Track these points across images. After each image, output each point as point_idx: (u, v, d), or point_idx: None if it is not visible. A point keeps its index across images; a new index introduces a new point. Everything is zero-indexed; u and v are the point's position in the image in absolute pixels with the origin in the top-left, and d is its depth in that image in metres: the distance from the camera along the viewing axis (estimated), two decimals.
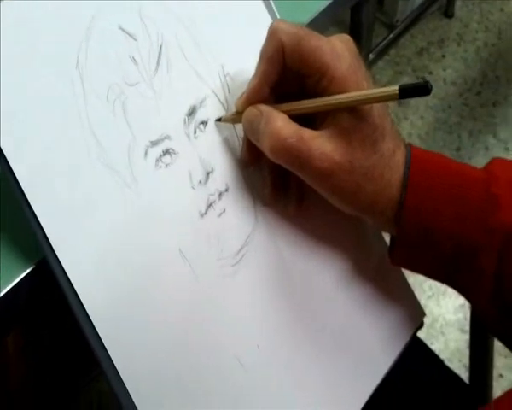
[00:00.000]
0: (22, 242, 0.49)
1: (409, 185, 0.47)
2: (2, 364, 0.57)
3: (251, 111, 0.48)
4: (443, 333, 1.52)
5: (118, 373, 0.45)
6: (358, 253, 0.56)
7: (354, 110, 0.45)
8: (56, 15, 0.44)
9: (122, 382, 0.45)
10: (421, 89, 0.42)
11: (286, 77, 0.47)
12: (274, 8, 0.53)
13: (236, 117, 0.49)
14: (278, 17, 0.54)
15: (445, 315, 1.55)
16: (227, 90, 0.51)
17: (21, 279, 0.48)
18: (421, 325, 0.62)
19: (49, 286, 0.45)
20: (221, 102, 0.50)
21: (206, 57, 0.50)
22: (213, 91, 0.50)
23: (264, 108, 0.47)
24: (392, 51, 1.99)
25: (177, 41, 0.48)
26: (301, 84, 0.47)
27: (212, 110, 0.50)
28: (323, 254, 0.55)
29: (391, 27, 1.90)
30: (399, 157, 0.48)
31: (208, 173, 0.50)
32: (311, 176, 0.46)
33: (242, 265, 0.51)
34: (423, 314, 0.62)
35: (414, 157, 0.48)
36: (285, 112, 0.46)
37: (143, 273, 0.47)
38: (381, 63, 1.97)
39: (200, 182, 0.49)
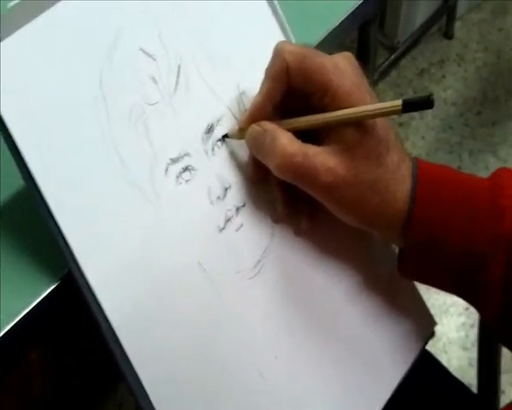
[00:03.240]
0: (48, 257, 0.50)
1: (416, 198, 0.48)
2: (26, 373, 0.58)
3: (254, 129, 0.49)
4: (446, 351, 1.53)
5: (142, 385, 0.46)
6: (369, 265, 0.58)
7: (358, 124, 0.46)
8: (81, 37, 0.46)
9: (146, 393, 0.46)
10: (424, 102, 0.43)
11: (290, 94, 0.48)
12: (287, 27, 0.55)
13: (241, 133, 0.50)
14: (291, 35, 0.55)
15: (448, 334, 1.56)
16: (242, 108, 0.52)
17: (48, 294, 0.49)
18: (432, 334, 0.63)
19: (74, 299, 0.46)
20: (237, 120, 0.52)
21: (222, 76, 0.52)
22: (229, 109, 0.52)
23: (267, 125, 0.48)
24: (393, 73, 2.01)
25: (194, 60, 0.50)
26: (305, 101, 0.48)
27: (229, 128, 0.52)
28: (336, 267, 0.56)
29: (392, 49, 1.92)
30: (405, 170, 0.48)
31: (226, 189, 0.51)
32: (317, 191, 0.47)
33: (260, 277, 0.52)
34: (434, 323, 0.63)
35: (421, 170, 0.49)
36: (289, 128, 0.48)
37: (165, 286, 0.48)
38: (381, 85, 1.99)
39: (218, 197, 0.51)
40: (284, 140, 0.46)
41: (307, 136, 0.48)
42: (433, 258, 0.49)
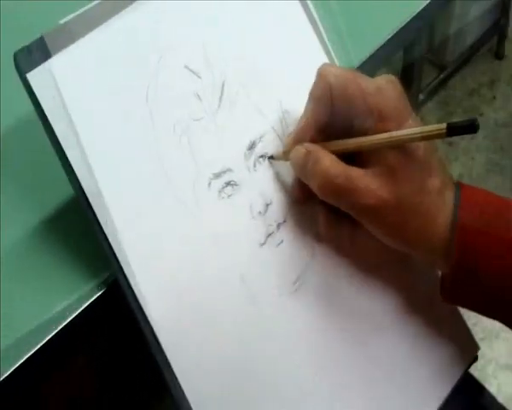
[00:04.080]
0: (97, 262, 0.52)
1: (458, 226, 0.47)
2: (75, 381, 0.60)
3: (298, 150, 0.49)
4: (495, 377, 1.50)
5: (182, 391, 0.47)
6: (411, 287, 0.57)
7: (401, 148, 0.46)
8: (130, 54, 0.47)
9: (186, 397, 0.48)
10: (469, 127, 0.42)
11: (334, 116, 0.48)
12: (329, 47, 0.56)
13: (286, 155, 0.51)
14: (333, 55, 0.56)
15: (498, 359, 1.53)
16: (285, 125, 0.53)
17: (94, 300, 0.51)
18: (475, 359, 0.62)
19: (120, 305, 0.47)
20: (279, 137, 0.53)
21: (266, 93, 0.53)
22: (272, 127, 0.53)
23: (311, 147, 0.49)
24: (443, 92, 1.99)
25: (237, 78, 0.51)
26: (349, 123, 0.48)
27: (271, 145, 0.52)
28: (376, 289, 0.56)
29: (441, 68, 1.91)
30: (447, 196, 0.48)
31: (267, 205, 0.52)
32: (359, 212, 0.48)
33: (300, 294, 0.52)
34: (477, 348, 0.62)
35: (463, 196, 0.48)
36: (332, 151, 0.48)
37: (207, 296, 0.49)
38: (430, 104, 1.98)
39: (259, 213, 0.51)
40: (327, 162, 0.47)
41: (351, 157, 0.48)
42: (474, 285, 0.49)
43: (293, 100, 0.53)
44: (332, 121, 0.49)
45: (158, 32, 0.48)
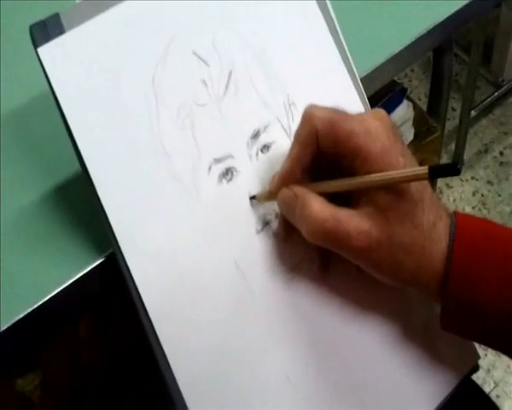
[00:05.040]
0: (97, 236, 0.54)
1: (453, 258, 0.46)
2: (76, 346, 0.62)
3: (285, 193, 0.49)
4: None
5: (171, 369, 0.49)
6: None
7: (389, 187, 0.45)
8: (139, 36, 0.50)
9: (177, 385, 0.49)
10: (451, 169, 0.42)
11: (320, 157, 0.48)
12: (343, 40, 0.56)
13: (271, 195, 0.51)
14: (347, 50, 0.57)
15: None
16: (291, 119, 0.54)
17: (93, 268, 0.53)
18: (475, 368, 0.61)
19: (118, 277, 0.50)
20: (284, 129, 0.54)
21: (273, 85, 0.54)
22: (277, 118, 0.54)
23: (298, 190, 0.48)
24: (497, 110, 1.96)
25: (246, 68, 0.53)
26: (336, 163, 0.47)
27: (275, 136, 0.53)
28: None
29: (496, 86, 1.88)
30: (441, 228, 0.47)
31: None
32: (351, 254, 0.47)
33: (293, 283, 0.53)
34: (477, 356, 0.61)
35: (458, 227, 0.47)
36: (319, 191, 0.47)
37: (200, 278, 0.50)
38: (485, 121, 1.95)
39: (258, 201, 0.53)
40: (315, 206, 0.46)
41: (339, 195, 0.48)
42: (471, 315, 0.48)
43: (302, 94, 0.54)
44: (318, 160, 0.48)
45: (168, 18, 0.50)
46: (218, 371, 0.51)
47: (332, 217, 0.46)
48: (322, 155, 0.48)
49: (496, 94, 1.84)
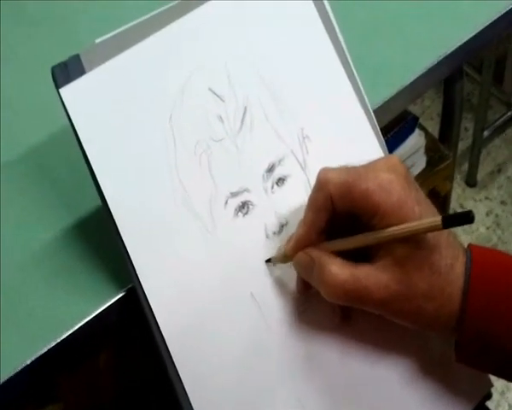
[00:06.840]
0: (116, 270, 0.55)
1: (469, 293, 0.46)
2: (96, 378, 0.63)
3: (301, 257, 0.49)
4: None
5: (190, 403, 0.50)
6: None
7: (406, 239, 0.46)
8: (157, 74, 0.51)
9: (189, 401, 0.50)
10: (465, 218, 0.42)
11: (335, 218, 0.48)
12: (355, 72, 0.57)
13: (287, 258, 0.51)
14: (359, 82, 0.57)
15: None
16: (305, 151, 0.55)
17: (113, 302, 0.54)
18: (488, 396, 0.61)
19: (138, 310, 0.51)
20: (298, 162, 0.55)
21: (287, 119, 0.55)
22: (292, 151, 0.55)
23: (315, 253, 0.48)
24: (510, 130, 1.96)
25: (260, 103, 0.54)
26: (352, 221, 0.48)
27: (290, 169, 0.54)
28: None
29: (509, 105, 1.88)
30: (459, 268, 0.47)
31: (282, 226, 0.54)
32: (372, 307, 0.48)
33: (308, 313, 0.54)
34: (490, 384, 0.61)
35: (474, 263, 0.47)
36: (336, 250, 0.48)
37: (216, 310, 0.51)
38: (497, 141, 1.95)
39: (274, 233, 0.53)
40: (333, 269, 0.47)
41: (356, 251, 0.48)
42: (488, 349, 0.48)
43: (315, 127, 0.55)
44: (334, 221, 0.49)
45: (185, 56, 0.52)
46: (229, 398, 0.51)
47: (351, 277, 0.46)
48: (338, 218, 0.48)
49: (508, 113, 1.84)
